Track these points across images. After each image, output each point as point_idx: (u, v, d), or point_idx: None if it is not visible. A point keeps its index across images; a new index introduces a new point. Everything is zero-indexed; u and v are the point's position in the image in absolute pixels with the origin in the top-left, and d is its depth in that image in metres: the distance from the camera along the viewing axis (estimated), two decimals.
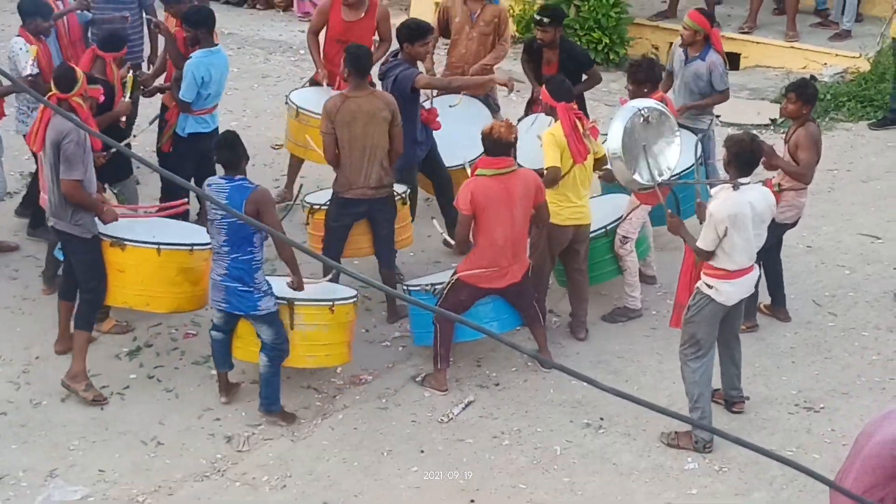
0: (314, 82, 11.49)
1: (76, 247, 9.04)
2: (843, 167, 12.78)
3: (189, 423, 9.00)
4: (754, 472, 8.55)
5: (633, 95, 10.08)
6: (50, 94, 8.97)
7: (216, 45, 10.51)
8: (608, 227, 10.10)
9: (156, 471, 8.57)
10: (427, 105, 10.58)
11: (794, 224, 9.91)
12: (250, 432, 8.88)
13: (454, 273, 9.28)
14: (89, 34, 11.35)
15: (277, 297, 8.80)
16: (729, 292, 8.55)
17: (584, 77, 11.19)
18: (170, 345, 9.81)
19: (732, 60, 14.84)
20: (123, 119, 10.32)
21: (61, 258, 9.47)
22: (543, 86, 9.84)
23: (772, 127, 13.36)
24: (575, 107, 9.65)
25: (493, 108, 11.56)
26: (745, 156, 8.46)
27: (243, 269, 8.59)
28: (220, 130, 10.82)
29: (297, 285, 8.84)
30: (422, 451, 8.78)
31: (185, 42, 10.57)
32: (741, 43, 15.23)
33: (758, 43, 15.24)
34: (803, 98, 9.66)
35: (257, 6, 17.46)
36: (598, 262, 10.07)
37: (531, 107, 11.34)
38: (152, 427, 8.94)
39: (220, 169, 9.08)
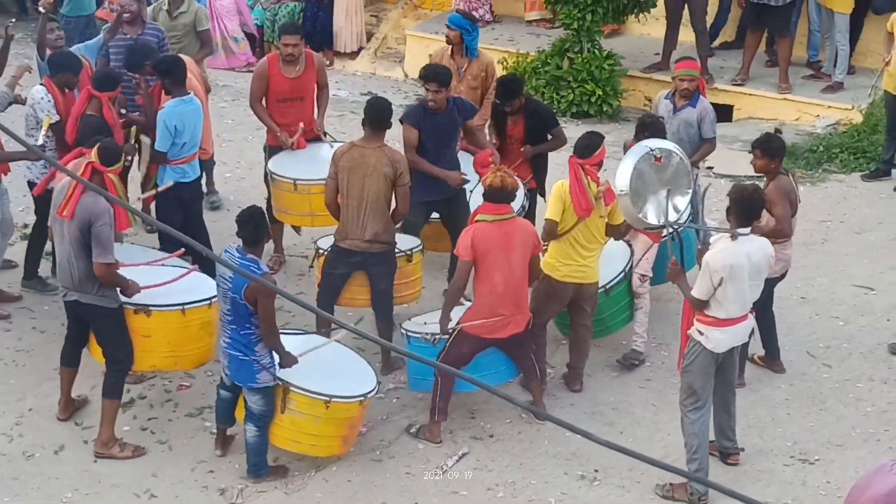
0: (273, 148, 11.17)
1: (102, 318, 8.95)
2: (837, 219, 12.81)
3: (182, 476, 8.96)
4: None
5: None
6: (88, 162, 8.90)
7: (188, 93, 10.44)
8: (626, 271, 10.06)
9: None
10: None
11: (782, 277, 9.89)
12: (244, 485, 8.84)
13: (457, 324, 9.23)
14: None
15: (276, 377, 8.65)
16: (719, 339, 8.56)
17: (549, 137, 11.01)
18: (163, 396, 9.78)
19: (726, 112, 14.93)
20: (129, 158, 10.30)
21: None
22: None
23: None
24: (590, 165, 9.43)
25: None
26: (743, 205, 8.50)
27: (242, 342, 8.53)
28: (209, 182, 10.82)
29: (289, 364, 8.68)
30: None
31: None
32: (734, 95, 15.30)
33: (750, 95, 15.29)
34: (769, 153, 9.65)
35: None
36: (617, 309, 10.06)
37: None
38: (145, 479, 8.90)
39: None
